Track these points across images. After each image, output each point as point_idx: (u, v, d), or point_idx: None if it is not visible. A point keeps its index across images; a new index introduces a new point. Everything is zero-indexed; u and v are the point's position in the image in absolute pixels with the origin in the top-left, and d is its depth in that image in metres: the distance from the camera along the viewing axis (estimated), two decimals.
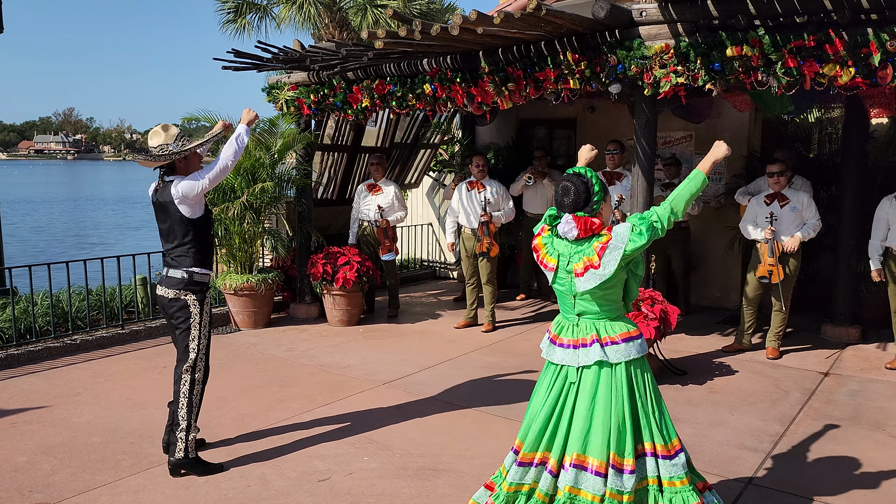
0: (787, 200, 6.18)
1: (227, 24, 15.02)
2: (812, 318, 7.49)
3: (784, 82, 4.72)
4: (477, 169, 7.31)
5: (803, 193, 6.26)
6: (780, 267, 6.16)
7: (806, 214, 6.18)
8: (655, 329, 5.30)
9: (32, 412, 5.03)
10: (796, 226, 6.16)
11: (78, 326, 6.87)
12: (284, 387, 5.59)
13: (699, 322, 7.66)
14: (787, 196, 6.20)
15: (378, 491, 3.86)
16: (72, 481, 3.97)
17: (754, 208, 6.35)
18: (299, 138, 7.72)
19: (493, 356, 6.43)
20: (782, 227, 6.17)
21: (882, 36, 4.35)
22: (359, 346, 6.84)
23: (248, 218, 7.28)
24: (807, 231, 6.14)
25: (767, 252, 6.17)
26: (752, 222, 6.35)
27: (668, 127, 8.25)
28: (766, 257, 6.18)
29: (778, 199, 6.21)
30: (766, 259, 6.18)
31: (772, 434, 4.65)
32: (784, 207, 6.17)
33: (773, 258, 6.13)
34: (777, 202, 6.20)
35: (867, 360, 6.27)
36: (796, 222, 6.17)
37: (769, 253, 6.16)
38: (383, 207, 7.76)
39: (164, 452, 4.24)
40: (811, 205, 6.19)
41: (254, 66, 7.12)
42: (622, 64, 5.22)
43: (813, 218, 6.18)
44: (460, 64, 6.11)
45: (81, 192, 55.77)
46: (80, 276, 6.90)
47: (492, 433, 4.65)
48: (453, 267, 10.42)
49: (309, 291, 7.97)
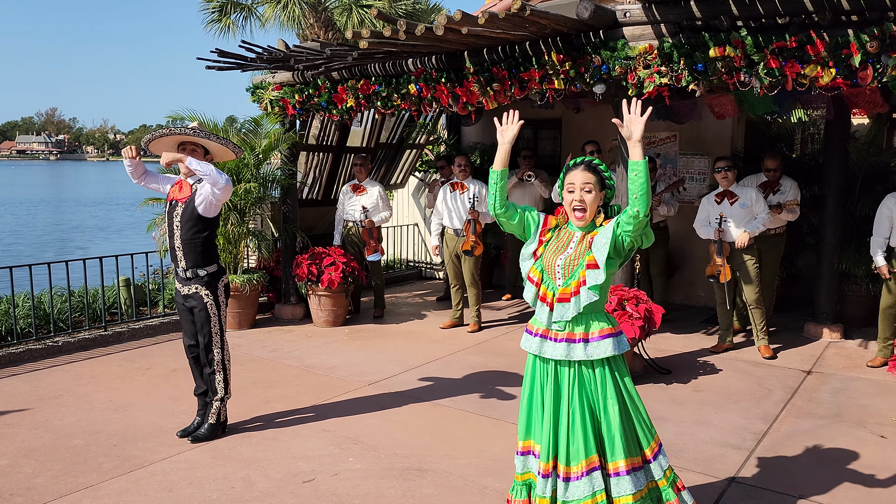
0: (737, 197, 6.27)
1: (212, 24, 14.97)
2: (795, 317, 7.56)
3: (766, 83, 4.76)
4: (459, 169, 7.32)
5: (751, 189, 6.36)
6: (728, 267, 6.28)
7: (755, 209, 6.26)
8: (640, 328, 5.32)
9: (13, 415, 4.97)
10: (746, 222, 6.25)
11: (60, 328, 6.80)
12: (269, 388, 5.57)
13: (684, 321, 7.70)
14: (735, 193, 6.29)
15: (363, 491, 3.85)
16: (53, 484, 3.93)
17: (706, 207, 6.45)
18: (284, 138, 7.69)
19: (479, 356, 6.43)
20: (734, 225, 6.26)
21: (862, 37, 4.40)
22: (344, 346, 6.82)
23: (232, 219, 7.24)
24: (755, 226, 6.23)
25: (716, 252, 6.29)
26: (704, 223, 6.45)
27: (652, 127, 8.29)
28: (715, 257, 6.30)
29: (728, 196, 6.30)
30: (715, 259, 6.30)
31: (755, 432, 4.68)
32: (734, 204, 6.26)
33: (721, 258, 6.26)
34: (727, 200, 6.30)
35: (849, 358, 6.33)
36: (747, 218, 6.26)
37: (717, 253, 6.27)
38: (368, 208, 7.75)
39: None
40: (760, 200, 6.27)
41: (238, 65, 7.09)
42: (606, 64, 5.25)
43: (762, 212, 6.27)
44: (445, 64, 6.12)
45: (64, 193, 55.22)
46: (63, 278, 6.84)
47: (477, 433, 4.65)
48: (439, 267, 10.43)
49: (294, 292, 7.94)
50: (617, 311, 5.35)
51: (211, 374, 4.57)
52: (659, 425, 4.79)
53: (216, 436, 4.56)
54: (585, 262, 2.95)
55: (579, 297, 2.93)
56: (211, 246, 4.53)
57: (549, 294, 3.01)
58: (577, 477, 2.96)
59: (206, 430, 4.55)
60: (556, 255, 3.03)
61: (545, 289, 3.03)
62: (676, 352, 6.55)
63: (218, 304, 4.53)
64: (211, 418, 4.56)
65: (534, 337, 3.08)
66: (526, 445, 3.16)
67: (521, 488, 3.19)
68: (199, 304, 4.49)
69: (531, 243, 3.14)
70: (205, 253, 4.47)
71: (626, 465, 2.97)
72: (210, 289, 4.49)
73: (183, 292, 4.53)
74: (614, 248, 2.94)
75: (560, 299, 2.97)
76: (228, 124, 8.74)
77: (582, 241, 3.03)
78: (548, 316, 3.01)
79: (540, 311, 3.05)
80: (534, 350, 3.07)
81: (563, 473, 3.00)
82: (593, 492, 2.94)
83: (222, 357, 4.57)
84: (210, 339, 4.53)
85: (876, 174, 7.35)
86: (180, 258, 4.47)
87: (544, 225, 3.17)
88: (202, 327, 4.52)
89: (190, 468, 4.14)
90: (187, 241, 4.43)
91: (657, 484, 3.04)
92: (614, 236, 2.91)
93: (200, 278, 4.48)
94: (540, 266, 3.06)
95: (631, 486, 2.95)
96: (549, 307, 3.01)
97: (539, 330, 3.06)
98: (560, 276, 2.99)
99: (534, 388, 3.13)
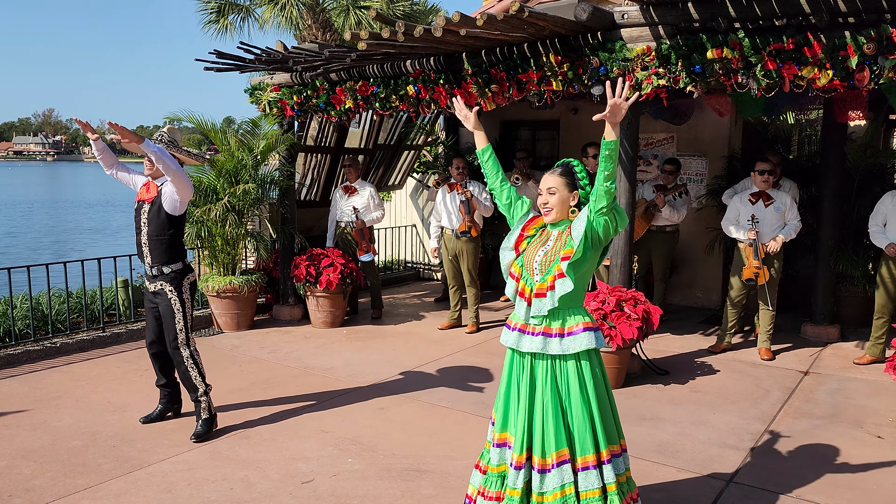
0: (772, 200, 6.22)
1: (210, 25, 14.95)
2: (792, 318, 7.57)
3: (764, 84, 4.78)
4: (457, 171, 7.34)
5: (786, 195, 6.31)
6: (766, 268, 6.21)
7: (788, 216, 6.24)
8: (638, 329, 5.34)
9: (12, 416, 4.97)
10: (778, 226, 6.22)
11: (58, 329, 6.79)
12: (268, 389, 5.57)
13: (682, 322, 7.72)
14: (771, 196, 6.25)
15: (362, 492, 3.85)
16: (52, 485, 3.93)
17: (737, 206, 6.38)
18: (282, 140, 7.69)
19: (478, 357, 6.44)
20: (764, 228, 6.22)
21: (859, 39, 4.42)
22: (343, 347, 6.82)
23: (230, 220, 7.24)
24: (788, 232, 6.21)
25: (752, 254, 6.20)
26: (734, 222, 6.38)
27: (649, 128, 8.31)
28: (751, 259, 6.20)
29: (763, 198, 6.25)
30: (752, 261, 6.20)
31: (753, 432, 4.70)
32: (768, 207, 6.21)
33: (758, 260, 6.16)
34: (762, 201, 6.25)
35: (846, 358, 6.34)
36: (778, 223, 6.23)
37: (754, 255, 6.18)
38: (359, 209, 7.76)
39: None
40: (794, 206, 6.25)
41: (236, 67, 7.09)
42: (604, 66, 5.26)
43: (794, 219, 6.24)
44: (443, 65, 6.12)
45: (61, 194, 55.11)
46: (61, 279, 6.83)
47: (476, 434, 4.65)
48: (437, 268, 10.43)
49: (292, 293, 7.94)
50: (615, 311, 5.37)
51: (185, 373, 4.64)
52: (657, 426, 4.81)
53: (213, 426, 4.65)
54: (561, 256, 3.04)
55: (554, 291, 3.02)
56: (177, 244, 4.65)
57: (527, 289, 3.12)
58: (550, 468, 3.04)
59: (203, 425, 4.60)
60: (536, 252, 3.14)
61: (523, 284, 3.13)
62: (674, 353, 6.56)
63: (182, 301, 4.62)
64: (203, 413, 4.63)
65: (512, 331, 3.18)
66: (502, 437, 3.22)
67: (495, 480, 3.23)
68: (163, 300, 4.61)
69: (512, 234, 3.28)
70: (170, 250, 4.60)
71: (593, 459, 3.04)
72: (175, 285, 4.61)
73: (150, 289, 4.67)
74: (591, 233, 3.00)
75: (537, 294, 3.07)
76: (226, 125, 8.74)
77: (559, 237, 3.12)
78: (525, 310, 3.12)
79: (518, 306, 3.17)
80: (511, 344, 3.17)
81: (538, 465, 3.07)
82: (562, 484, 3.02)
83: (191, 353, 4.65)
84: (175, 335, 4.61)
85: (873, 176, 7.37)
86: (146, 254, 4.60)
87: (530, 221, 3.27)
88: (167, 323, 4.62)
89: (188, 469, 4.14)
90: (153, 238, 4.56)
91: (607, 489, 3.06)
92: (589, 221, 2.99)
93: (166, 275, 4.60)
94: (521, 262, 3.18)
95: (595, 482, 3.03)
96: (527, 302, 3.11)
97: (517, 324, 3.16)
98: (538, 272, 3.09)
99: (511, 381, 3.21)
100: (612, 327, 5.30)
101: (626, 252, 5.75)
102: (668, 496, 3.81)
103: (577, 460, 3.05)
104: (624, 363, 5.58)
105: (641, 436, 4.63)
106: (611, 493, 3.03)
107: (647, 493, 3.84)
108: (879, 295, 6.08)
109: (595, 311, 5.38)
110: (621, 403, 5.24)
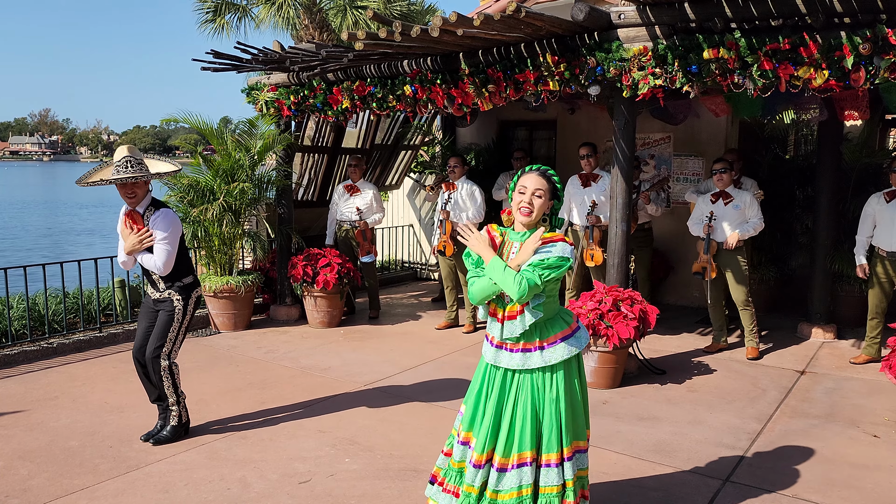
0: (731, 198, 6.32)
1: (206, 24, 14.93)
2: (789, 317, 7.59)
3: (760, 84, 4.79)
4: (450, 170, 7.35)
5: (747, 193, 6.41)
6: (715, 264, 6.33)
7: (748, 213, 6.31)
8: (635, 329, 5.35)
9: (8, 417, 4.96)
10: (738, 224, 6.29)
11: (55, 330, 6.79)
12: (265, 389, 5.57)
13: (678, 322, 7.73)
14: (730, 194, 6.33)
15: (359, 492, 3.86)
16: (49, 486, 3.93)
17: (700, 206, 6.51)
18: (279, 139, 7.69)
19: (475, 357, 6.44)
20: (724, 225, 6.31)
21: (855, 39, 4.43)
22: (340, 347, 6.82)
23: (227, 219, 7.23)
24: (746, 229, 6.28)
25: (703, 249, 6.34)
26: (697, 220, 6.49)
27: (646, 128, 8.33)
28: (702, 254, 6.37)
29: (723, 196, 6.35)
30: (702, 256, 6.37)
31: (749, 432, 4.71)
32: (728, 205, 6.31)
33: (708, 255, 6.32)
34: (721, 200, 6.34)
35: (842, 358, 6.36)
36: (738, 220, 6.29)
37: (705, 250, 6.32)
38: (362, 209, 7.75)
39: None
40: (754, 204, 6.32)
41: (233, 67, 7.08)
42: (601, 66, 5.27)
43: (754, 217, 6.31)
44: (440, 65, 6.13)
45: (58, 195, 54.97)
46: (57, 279, 6.82)
47: None
48: (434, 268, 10.43)
49: (289, 293, 7.94)
50: (612, 311, 5.38)
51: (159, 381, 4.52)
52: (654, 425, 4.82)
53: (179, 437, 4.56)
54: None
55: (524, 316, 3.01)
56: (184, 262, 4.55)
57: (499, 310, 3.11)
58: (510, 468, 3.06)
59: (169, 432, 4.54)
60: None
61: (494, 305, 3.12)
62: (671, 352, 6.57)
63: (185, 312, 4.52)
64: (172, 421, 4.57)
65: (491, 346, 3.17)
66: (467, 436, 3.24)
67: (455, 474, 3.26)
68: (167, 307, 4.49)
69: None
70: (177, 270, 4.49)
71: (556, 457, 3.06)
72: (183, 295, 4.51)
73: (154, 296, 4.54)
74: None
75: (509, 317, 3.07)
76: (223, 125, 8.72)
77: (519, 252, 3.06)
78: (500, 330, 3.10)
79: (492, 325, 3.15)
80: (489, 359, 3.17)
81: (498, 464, 3.08)
82: (520, 485, 3.05)
83: (169, 365, 4.53)
84: (162, 344, 4.48)
85: (868, 175, 7.39)
86: (157, 280, 4.51)
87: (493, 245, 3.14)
88: (159, 329, 4.48)
89: (186, 469, 4.14)
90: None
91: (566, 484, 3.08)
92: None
93: (176, 286, 4.50)
94: None
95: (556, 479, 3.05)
96: (499, 322, 3.10)
97: (495, 340, 3.15)
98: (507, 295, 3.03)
99: (482, 385, 3.21)
100: (609, 327, 5.31)
101: (623, 252, 5.76)
102: (665, 496, 3.82)
103: (542, 457, 3.08)
104: (621, 363, 5.58)
105: (638, 435, 4.64)
106: (568, 489, 3.07)
107: (644, 492, 3.85)
108: (873, 294, 6.11)
109: (592, 310, 5.39)
110: (619, 403, 5.25)
